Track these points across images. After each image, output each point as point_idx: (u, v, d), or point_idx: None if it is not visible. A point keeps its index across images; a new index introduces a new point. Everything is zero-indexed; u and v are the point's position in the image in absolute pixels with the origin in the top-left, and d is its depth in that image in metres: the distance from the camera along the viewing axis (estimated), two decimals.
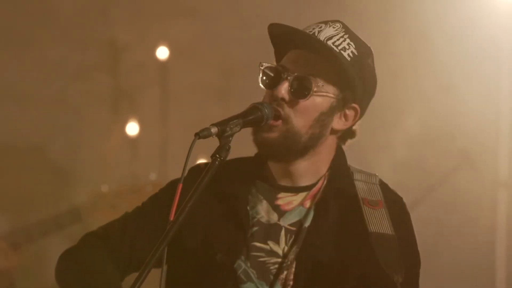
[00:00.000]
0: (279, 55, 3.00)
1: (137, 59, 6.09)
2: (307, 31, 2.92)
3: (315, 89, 2.86)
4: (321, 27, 2.93)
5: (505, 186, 5.92)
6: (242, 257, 2.89)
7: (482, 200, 5.92)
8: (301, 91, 2.87)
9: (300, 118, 2.88)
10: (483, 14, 5.84)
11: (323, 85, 2.87)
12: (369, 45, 2.98)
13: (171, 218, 2.62)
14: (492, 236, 5.89)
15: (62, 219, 5.01)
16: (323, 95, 2.89)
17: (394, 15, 5.84)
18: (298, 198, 2.95)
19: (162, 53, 6.08)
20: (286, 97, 2.87)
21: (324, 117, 2.90)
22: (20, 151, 5.92)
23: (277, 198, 2.95)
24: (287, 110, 2.88)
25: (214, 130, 2.72)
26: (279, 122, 2.88)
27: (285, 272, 2.87)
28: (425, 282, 2.93)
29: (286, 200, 2.95)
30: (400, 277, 2.76)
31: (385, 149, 5.85)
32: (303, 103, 2.87)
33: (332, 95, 2.90)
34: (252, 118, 2.84)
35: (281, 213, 2.93)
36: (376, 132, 5.69)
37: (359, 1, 5.72)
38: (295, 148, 2.90)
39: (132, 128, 6.07)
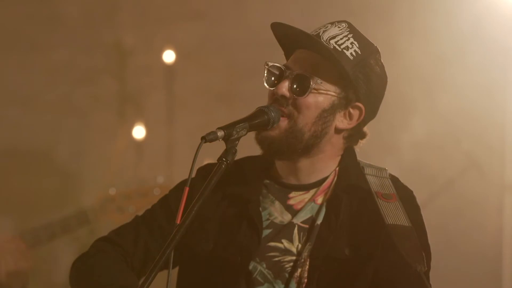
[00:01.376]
0: (287, 55, 3.03)
1: (143, 63, 6.10)
2: (313, 33, 2.95)
3: (314, 86, 2.90)
4: (327, 27, 2.97)
5: (511, 189, 5.91)
6: (257, 259, 2.91)
7: (488, 203, 5.90)
8: (300, 88, 2.90)
9: (303, 115, 2.91)
10: (489, 15, 5.83)
11: (322, 83, 2.90)
12: (375, 45, 3.00)
13: (178, 221, 2.63)
14: (498, 239, 5.88)
15: (69, 222, 5.00)
16: (323, 93, 2.92)
17: (400, 16, 5.83)
18: (309, 194, 2.97)
19: (168, 56, 6.08)
20: (286, 94, 2.91)
21: (326, 115, 2.93)
22: (27, 154, 5.93)
23: (289, 198, 2.97)
24: (289, 108, 2.91)
25: (220, 133, 2.75)
26: (283, 119, 2.91)
27: (299, 270, 2.89)
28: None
29: (298, 199, 2.97)
30: (423, 266, 2.76)
31: (390, 152, 5.84)
32: (304, 100, 2.90)
33: (333, 93, 2.93)
34: (258, 121, 2.87)
35: (294, 212, 2.96)
36: (381, 134, 5.68)
37: (364, 3, 5.72)
38: (297, 146, 2.93)
39: (138, 132, 6.07)
